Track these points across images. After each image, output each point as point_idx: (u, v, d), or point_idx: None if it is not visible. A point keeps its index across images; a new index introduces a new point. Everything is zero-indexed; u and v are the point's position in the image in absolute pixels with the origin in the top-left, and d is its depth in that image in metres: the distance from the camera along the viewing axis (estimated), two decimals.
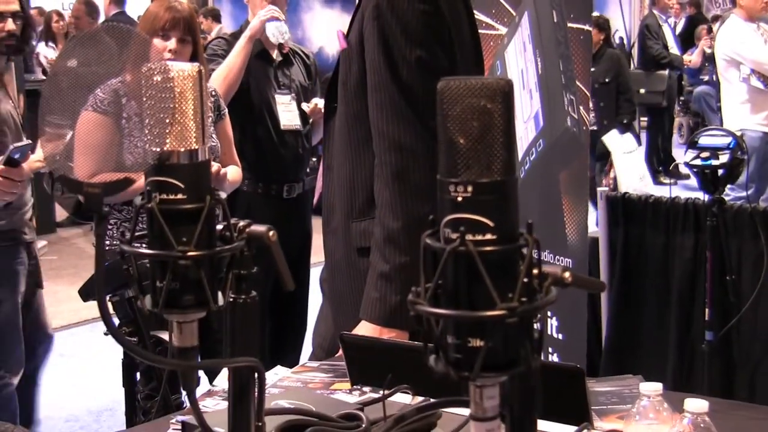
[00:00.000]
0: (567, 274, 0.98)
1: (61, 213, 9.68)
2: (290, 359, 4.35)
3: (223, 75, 4.49)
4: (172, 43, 3.73)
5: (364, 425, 1.47)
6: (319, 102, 4.65)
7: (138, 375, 3.47)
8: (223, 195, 1.21)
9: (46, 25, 11.54)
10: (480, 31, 4.23)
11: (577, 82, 3.85)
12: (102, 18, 10.27)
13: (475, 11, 4.13)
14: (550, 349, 4.05)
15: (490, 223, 0.93)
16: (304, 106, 4.75)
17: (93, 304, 1.31)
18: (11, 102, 3.93)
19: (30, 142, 3.62)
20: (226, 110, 4.15)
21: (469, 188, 0.93)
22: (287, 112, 4.72)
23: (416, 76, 2.47)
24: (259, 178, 4.64)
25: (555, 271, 0.98)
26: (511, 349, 0.95)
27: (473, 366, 0.94)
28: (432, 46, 2.51)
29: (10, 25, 3.88)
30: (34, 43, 10.48)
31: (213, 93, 4.08)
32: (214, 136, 4.01)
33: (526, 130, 4.19)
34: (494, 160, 0.93)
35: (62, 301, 7.23)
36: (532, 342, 0.97)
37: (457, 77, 0.95)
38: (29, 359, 4.17)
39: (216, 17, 11.54)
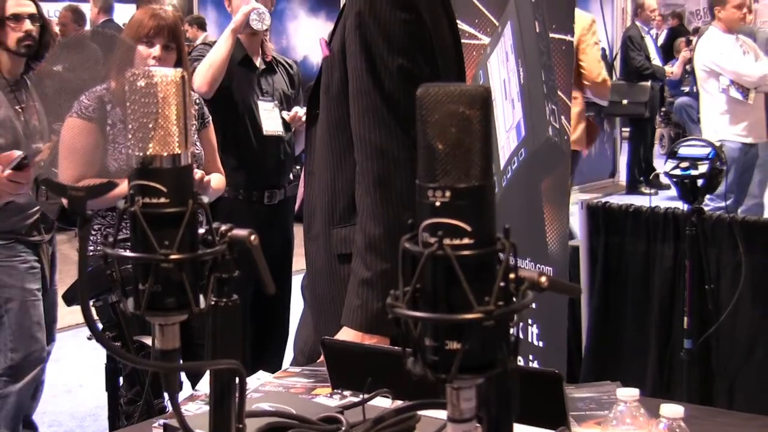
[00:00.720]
0: (543, 279, 0.99)
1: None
2: (272, 364, 4.35)
3: (206, 68, 4.49)
4: (156, 50, 3.74)
5: (344, 428, 1.48)
6: (299, 111, 4.67)
7: (121, 380, 3.47)
8: (206, 200, 1.22)
9: None
10: (463, 40, 4.25)
11: (559, 92, 3.87)
12: (89, 25, 10.26)
13: (458, 21, 4.15)
14: (530, 356, 4.06)
15: (468, 228, 0.94)
16: (285, 114, 4.75)
17: (76, 309, 1.32)
18: (16, 108, 3.91)
19: (40, 146, 3.62)
20: (210, 118, 4.15)
21: (447, 193, 0.93)
22: (270, 119, 4.72)
23: (398, 83, 2.48)
24: (240, 184, 4.65)
25: (531, 276, 0.99)
26: (487, 351, 0.96)
27: (450, 368, 0.94)
28: (413, 54, 2.51)
29: (27, 25, 3.89)
30: None
31: (197, 101, 4.08)
32: (198, 143, 4.01)
33: (508, 140, 4.20)
34: (472, 165, 0.94)
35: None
36: (509, 345, 0.98)
37: (436, 84, 0.96)
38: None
39: (201, 25, 11.52)
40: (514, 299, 0.96)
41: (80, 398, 5.62)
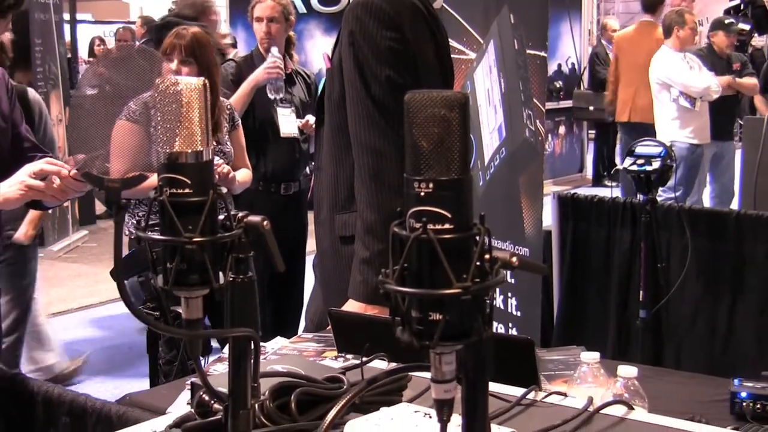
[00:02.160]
0: (514, 259, 0.97)
1: (100, 206, 9.66)
2: (289, 332, 4.33)
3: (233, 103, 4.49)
4: (174, 65, 3.75)
5: (344, 386, 1.46)
6: (311, 119, 4.66)
7: (160, 344, 3.46)
8: (225, 190, 1.20)
9: (90, 48, 11.51)
10: (454, 56, 4.23)
11: (534, 100, 3.85)
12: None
13: (450, 39, 4.14)
14: (510, 324, 4.05)
15: (448, 215, 0.92)
16: (298, 122, 4.74)
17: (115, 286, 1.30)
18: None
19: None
20: (240, 121, 4.14)
21: (431, 185, 0.92)
22: (287, 123, 4.72)
23: (386, 91, 2.48)
24: (260, 178, 4.62)
25: (504, 256, 0.97)
26: (465, 322, 0.94)
27: (433, 336, 0.93)
28: (398, 67, 2.51)
29: None
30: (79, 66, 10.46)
31: (228, 107, 4.06)
32: (228, 143, 3.99)
33: (491, 140, 4.19)
34: (452, 161, 0.92)
35: (101, 281, 7.23)
36: (484, 316, 0.96)
37: (421, 90, 0.94)
38: None
39: (232, 43, 11.49)
40: (489, 277, 0.94)
41: (128, 358, 5.62)
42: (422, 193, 0.92)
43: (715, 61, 7.42)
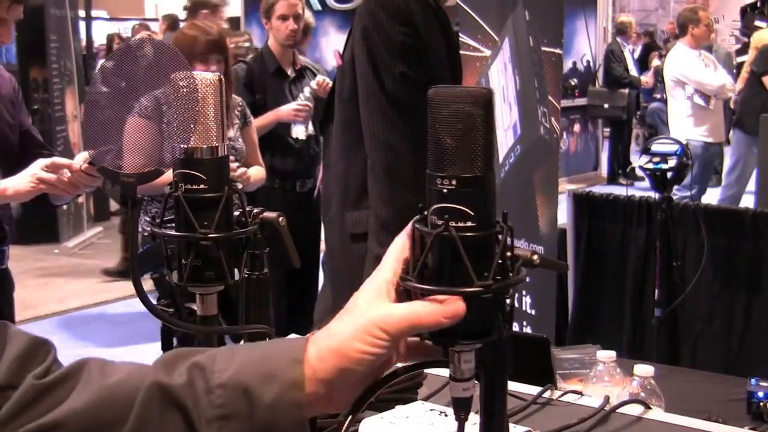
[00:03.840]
0: (535, 257, 0.95)
1: (114, 203, 9.69)
2: (303, 327, 4.33)
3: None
4: (213, 67, 3.66)
5: None
6: (327, 79, 4.65)
7: (175, 340, 3.45)
8: (240, 186, 1.19)
9: (108, 45, 11.54)
10: (467, 53, 4.22)
11: (549, 97, 3.83)
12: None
13: (464, 35, 4.11)
14: (524, 323, 4.03)
15: (471, 212, 0.91)
16: (312, 83, 4.71)
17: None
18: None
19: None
20: (252, 118, 4.13)
21: (454, 182, 0.91)
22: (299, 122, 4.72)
23: (400, 86, 2.46)
24: (276, 175, 4.62)
25: (525, 254, 0.95)
26: (485, 320, 0.93)
27: (453, 335, 0.92)
28: (411, 62, 2.49)
29: None
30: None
31: (240, 103, 4.05)
32: (240, 140, 3.98)
33: (506, 137, 4.17)
34: (475, 158, 0.91)
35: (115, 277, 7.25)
36: (504, 315, 0.95)
37: (446, 86, 0.93)
38: None
39: (249, 46, 11.48)
40: (510, 275, 0.93)
41: (143, 353, 5.63)
42: (445, 190, 0.91)
43: None
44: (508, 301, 0.95)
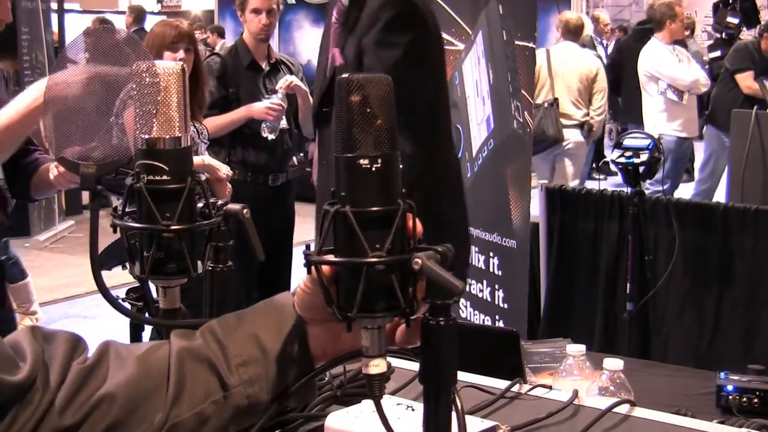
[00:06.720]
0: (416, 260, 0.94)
1: (86, 197, 9.62)
2: None
3: (215, 126, 4.42)
4: (180, 54, 3.79)
5: (326, 379, 1.44)
6: (291, 78, 4.62)
7: (144, 335, 3.42)
8: (203, 177, 1.17)
9: None
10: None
11: (522, 91, 3.83)
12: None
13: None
14: (496, 316, 4.03)
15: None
16: (280, 86, 4.66)
17: (109, 274, 1.28)
18: None
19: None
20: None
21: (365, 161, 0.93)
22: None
23: (416, 89, 2.47)
24: (249, 169, 4.59)
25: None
26: (382, 295, 0.92)
27: (350, 308, 0.92)
28: (417, 60, 2.52)
29: None
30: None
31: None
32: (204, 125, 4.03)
33: (479, 131, 4.17)
34: (381, 138, 0.93)
35: (87, 272, 7.17)
36: (408, 291, 0.93)
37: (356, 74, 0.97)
38: None
39: (221, 33, 11.43)
40: (406, 250, 0.92)
41: None
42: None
43: (761, 60, 7.29)
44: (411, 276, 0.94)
